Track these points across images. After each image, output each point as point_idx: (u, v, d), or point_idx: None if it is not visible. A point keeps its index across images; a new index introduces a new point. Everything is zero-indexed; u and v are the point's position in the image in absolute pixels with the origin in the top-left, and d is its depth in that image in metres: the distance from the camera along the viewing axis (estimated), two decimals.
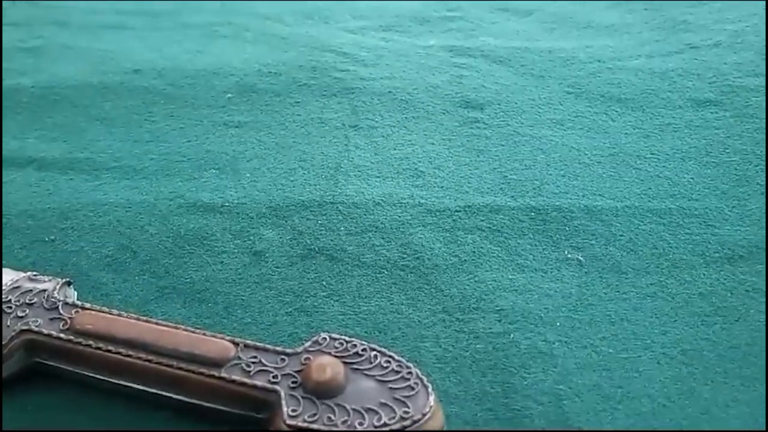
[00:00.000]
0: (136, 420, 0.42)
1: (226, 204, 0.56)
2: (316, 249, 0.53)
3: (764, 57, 0.73)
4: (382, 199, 0.57)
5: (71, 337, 0.42)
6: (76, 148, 0.62)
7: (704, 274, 0.50)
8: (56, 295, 0.44)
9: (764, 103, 0.66)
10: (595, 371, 0.45)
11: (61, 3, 0.82)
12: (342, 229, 0.54)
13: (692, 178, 0.58)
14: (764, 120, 0.64)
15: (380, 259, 0.52)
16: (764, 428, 0.41)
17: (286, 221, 0.55)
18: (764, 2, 0.80)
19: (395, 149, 0.62)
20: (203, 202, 0.56)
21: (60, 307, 0.43)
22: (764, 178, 0.58)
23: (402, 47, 0.76)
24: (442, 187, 0.58)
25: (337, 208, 0.56)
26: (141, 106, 0.66)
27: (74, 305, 0.44)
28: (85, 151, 0.61)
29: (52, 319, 0.43)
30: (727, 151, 0.61)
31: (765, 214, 0.55)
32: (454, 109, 0.67)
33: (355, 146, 0.62)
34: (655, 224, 0.54)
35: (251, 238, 0.53)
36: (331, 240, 0.53)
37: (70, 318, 0.43)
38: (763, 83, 0.69)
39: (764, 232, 0.53)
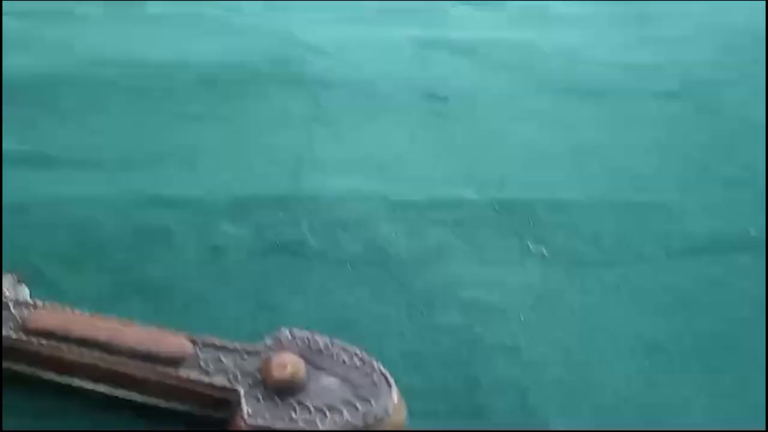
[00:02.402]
0: (92, 421, 0.40)
1: (185, 198, 0.55)
2: (278, 244, 0.52)
3: (726, 50, 0.74)
4: (345, 193, 0.56)
5: (23, 337, 0.40)
6: (30, 142, 0.60)
7: (667, 267, 0.51)
8: (8, 293, 0.43)
9: (726, 96, 0.67)
10: (559, 364, 0.44)
11: None
12: (304, 223, 0.53)
13: (655, 171, 0.59)
14: (726, 113, 0.65)
15: (343, 254, 0.51)
16: (764, 428, 0.41)
17: (246, 216, 0.54)
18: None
19: (359, 142, 0.61)
20: (161, 196, 0.55)
21: (12, 305, 0.42)
22: (726, 171, 0.59)
23: (366, 39, 0.75)
24: (406, 180, 0.58)
25: (299, 202, 0.55)
26: (97, 98, 0.65)
27: (27, 303, 0.42)
28: (38, 145, 0.60)
29: (3, 319, 0.41)
30: (689, 143, 0.62)
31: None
32: (419, 101, 0.66)
33: (318, 139, 0.62)
34: (618, 217, 0.54)
35: (211, 233, 0.52)
36: (294, 235, 0.52)
37: (22, 317, 0.41)
38: (725, 76, 0.70)
39: (725, 224, 0.54)
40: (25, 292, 0.45)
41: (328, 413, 0.37)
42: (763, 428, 0.41)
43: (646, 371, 0.44)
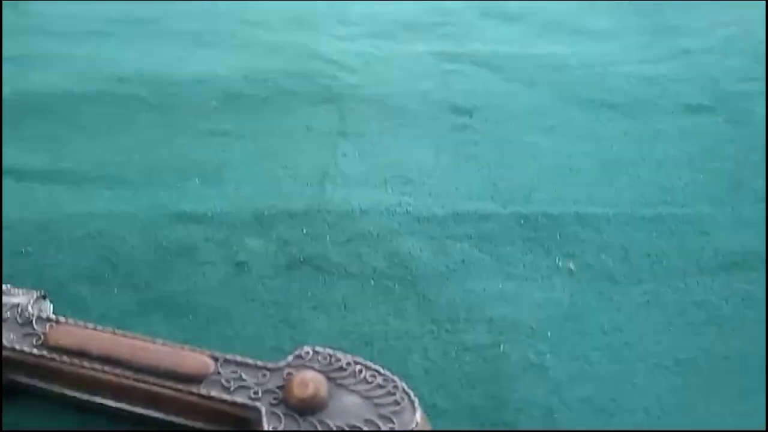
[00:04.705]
0: None
1: (210, 214, 0.55)
2: (302, 259, 0.51)
3: (756, 62, 0.72)
4: (369, 207, 0.56)
5: (45, 353, 0.40)
6: (57, 158, 0.60)
7: (698, 282, 0.49)
8: (30, 309, 0.43)
9: (757, 109, 0.66)
10: (588, 383, 0.43)
11: (43, 11, 0.81)
12: (328, 238, 0.53)
13: (685, 185, 0.57)
14: (757, 126, 0.63)
15: (367, 269, 0.51)
16: (764, 428, 0.40)
17: (270, 231, 0.54)
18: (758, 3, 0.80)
19: (383, 156, 0.61)
20: (186, 211, 0.55)
21: (34, 321, 0.42)
22: (759, 184, 0.57)
23: (391, 54, 0.75)
24: (430, 194, 0.57)
25: (323, 216, 0.55)
26: (124, 115, 0.65)
27: (49, 319, 0.42)
28: (65, 161, 0.60)
29: (25, 335, 0.41)
30: (720, 157, 0.60)
31: (765, 222, 0.53)
32: (443, 115, 0.66)
33: (342, 154, 0.61)
34: (647, 231, 0.53)
35: (235, 248, 0.52)
36: (317, 249, 0.52)
37: (44, 333, 0.41)
38: (756, 88, 0.68)
39: (759, 239, 0.52)
40: (48, 308, 0.45)
41: None
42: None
43: (677, 390, 0.43)
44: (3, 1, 0.80)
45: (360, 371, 0.39)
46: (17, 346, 0.40)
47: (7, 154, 0.60)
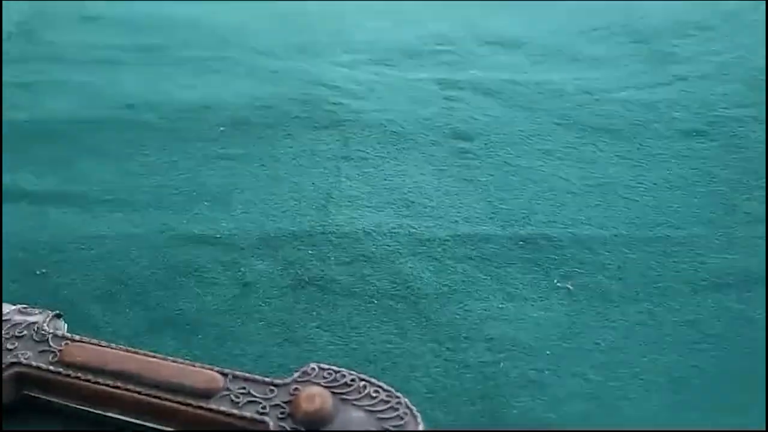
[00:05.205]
0: None
1: (217, 235, 0.56)
2: (306, 279, 0.53)
3: (750, 88, 0.74)
4: (372, 229, 0.57)
5: (60, 370, 0.42)
6: (69, 182, 0.62)
7: (692, 302, 0.51)
8: (46, 327, 0.44)
9: (750, 134, 0.67)
10: (585, 400, 0.45)
11: (55, 39, 0.83)
12: (332, 259, 0.54)
13: (679, 207, 0.59)
14: (751, 150, 0.65)
15: (370, 289, 0.52)
16: (764, 428, 0.41)
17: (276, 252, 0.55)
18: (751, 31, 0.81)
19: (386, 180, 0.63)
20: (194, 234, 0.57)
21: (49, 339, 0.43)
22: (752, 207, 0.59)
23: (393, 80, 0.77)
24: (431, 216, 0.58)
25: (327, 238, 0.56)
26: (133, 140, 0.67)
27: (64, 337, 0.44)
28: (77, 185, 0.62)
29: (41, 352, 0.43)
30: (714, 180, 0.62)
31: (764, 242, 0.55)
32: (444, 140, 0.67)
33: (346, 177, 0.63)
34: (643, 253, 0.55)
35: (242, 269, 0.54)
36: (321, 270, 0.54)
37: (59, 350, 0.43)
38: (749, 113, 0.70)
39: (752, 260, 0.54)
40: (63, 327, 0.46)
41: None
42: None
43: (671, 407, 0.44)
44: (15, 31, 0.82)
45: (364, 387, 0.40)
46: (33, 363, 0.42)
47: (21, 178, 0.62)
